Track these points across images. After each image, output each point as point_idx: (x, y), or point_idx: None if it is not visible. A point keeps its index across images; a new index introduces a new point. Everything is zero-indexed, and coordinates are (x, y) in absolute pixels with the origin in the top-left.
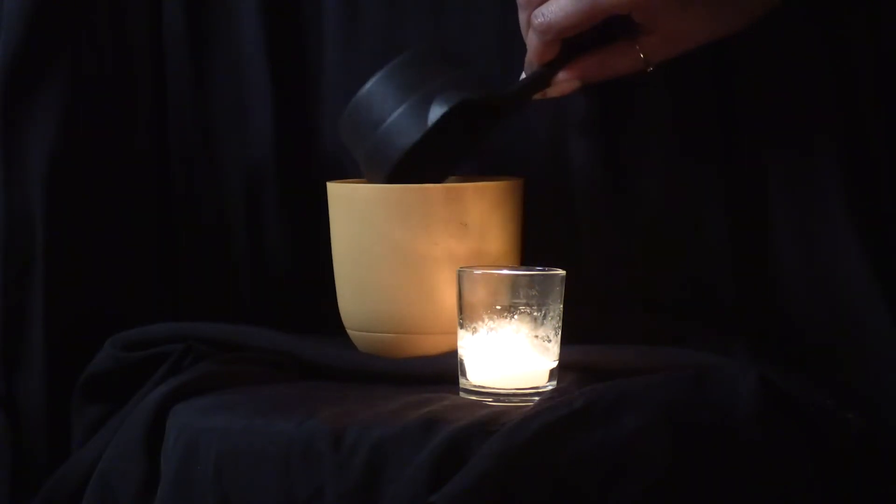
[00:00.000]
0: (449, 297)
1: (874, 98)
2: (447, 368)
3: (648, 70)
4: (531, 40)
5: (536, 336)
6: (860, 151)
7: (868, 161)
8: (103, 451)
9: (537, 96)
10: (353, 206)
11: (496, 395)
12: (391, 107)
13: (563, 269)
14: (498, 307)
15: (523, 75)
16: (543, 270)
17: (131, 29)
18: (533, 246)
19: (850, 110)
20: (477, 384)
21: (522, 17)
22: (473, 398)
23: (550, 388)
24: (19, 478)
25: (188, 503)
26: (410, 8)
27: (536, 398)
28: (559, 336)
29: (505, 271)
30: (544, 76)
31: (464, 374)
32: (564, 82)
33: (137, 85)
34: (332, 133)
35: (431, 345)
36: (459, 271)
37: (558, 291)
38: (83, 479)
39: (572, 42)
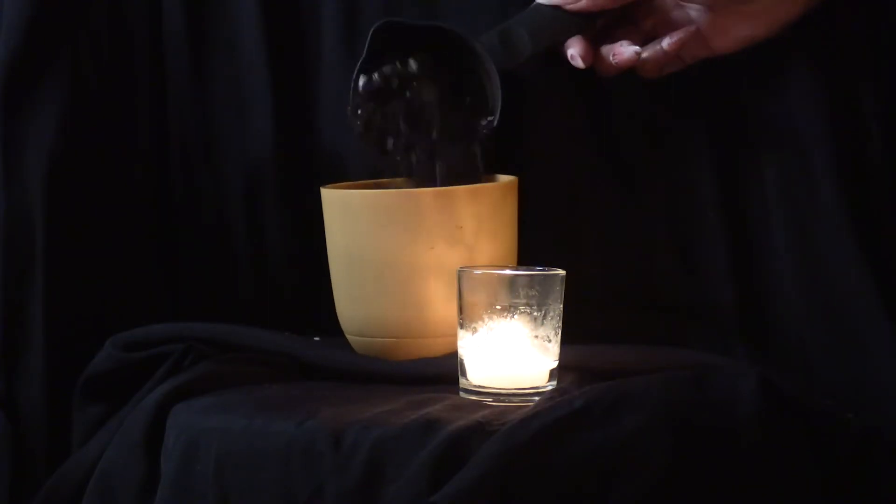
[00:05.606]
0: (445, 301)
1: (873, 98)
2: (447, 369)
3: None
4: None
5: (536, 336)
6: (859, 152)
7: (867, 161)
8: (103, 451)
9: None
10: (346, 212)
11: (496, 395)
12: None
13: (563, 269)
14: (498, 307)
15: None
16: (543, 270)
17: (131, 29)
18: (533, 246)
19: (849, 110)
20: (477, 384)
21: None
22: (473, 398)
23: (550, 388)
24: (19, 478)
25: (188, 503)
26: (409, 8)
27: (536, 398)
28: (559, 336)
29: (505, 271)
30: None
31: (464, 374)
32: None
33: (137, 85)
34: (332, 133)
35: (428, 349)
36: (459, 271)
37: (558, 291)
38: (83, 479)
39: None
